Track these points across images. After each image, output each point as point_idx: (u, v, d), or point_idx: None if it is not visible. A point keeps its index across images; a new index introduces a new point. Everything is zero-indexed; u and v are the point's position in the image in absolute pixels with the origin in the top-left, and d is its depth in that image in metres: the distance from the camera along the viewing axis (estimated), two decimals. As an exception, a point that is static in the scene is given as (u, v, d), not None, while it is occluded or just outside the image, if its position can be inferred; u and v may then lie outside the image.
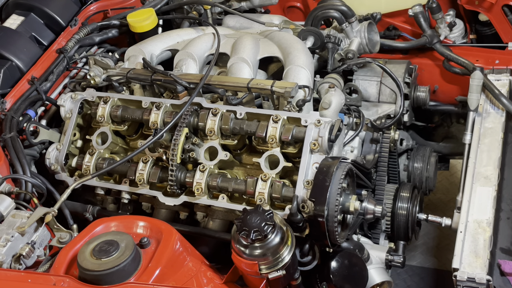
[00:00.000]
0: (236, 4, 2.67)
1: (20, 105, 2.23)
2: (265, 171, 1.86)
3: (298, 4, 3.05)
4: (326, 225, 1.68)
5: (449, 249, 2.03)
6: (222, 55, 2.28)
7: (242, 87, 2.02)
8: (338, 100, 2.04)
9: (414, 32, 2.80)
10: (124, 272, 1.45)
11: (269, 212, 1.50)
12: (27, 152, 2.11)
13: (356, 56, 2.36)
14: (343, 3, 2.40)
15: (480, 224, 1.94)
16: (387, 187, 2.21)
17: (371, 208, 1.81)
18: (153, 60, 2.32)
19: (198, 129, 1.98)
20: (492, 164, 2.10)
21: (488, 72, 2.50)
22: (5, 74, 2.32)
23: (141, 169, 1.97)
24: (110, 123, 2.10)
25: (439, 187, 2.99)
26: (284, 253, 1.53)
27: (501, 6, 2.54)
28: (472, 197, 2.02)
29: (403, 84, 2.37)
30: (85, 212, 2.06)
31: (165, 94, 2.18)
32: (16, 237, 1.70)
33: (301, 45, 2.20)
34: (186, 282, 1.56)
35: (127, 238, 1.50)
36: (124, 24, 2.61)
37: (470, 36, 2.78)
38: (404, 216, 2.18)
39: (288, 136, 1.86)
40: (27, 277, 1.49)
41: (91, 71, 2.25)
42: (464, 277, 1.79)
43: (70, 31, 2.59)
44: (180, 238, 1.61)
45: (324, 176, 1.71)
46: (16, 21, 2.56)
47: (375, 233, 2.22)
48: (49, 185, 2.04)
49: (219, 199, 1.88)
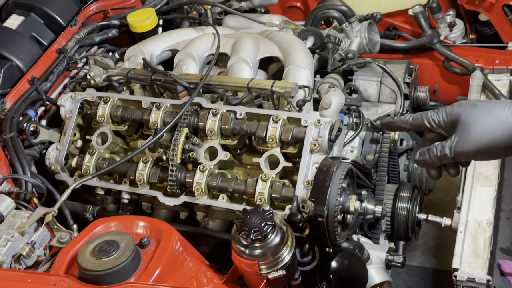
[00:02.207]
0: (236, 4, 2.67)
1: (20, 105, 2.23)
2: (265, 171, 1.86)
3: (298, 4, 3.05)
4: (326, 225, 1.68)
5: (449, 249, 2.03)
6: (222, 55, 2.28)
7: (242, 87, 2.02)
8: (338, 100, 2.04)
9: (414, 32, 2.80)
10: (124, 272, 1.45)
11: (269, 212, 1.50)
12: (27, 152, 2.11)
13: (356, 56, 2.36)
14: (343, 3, 2.40)
15: (480, 224, 1.94)
16: (387, 187, 2.21)
17: (371, 208, 1.80)
18: (153, 60, 2.32)
19: (198, 129, 1.98)
20: (492, 164, 2.10)
21: (488, 72, 2.50)
22: (5, 74, 2.31)
23: (141, 169, 1.97)
24: (110, 123, 2.10)
25: (439, 187, 2.99)
26: (284, 253, 1.53)
27: (501, 6, 2.54)
28: (472, 197, 2.02)
29: (403, 84, 2.37)
30: (85, 212, 2.06)
31: (165, 94, 2.18)
32: (16, 237, 1.70)
33: (301, 45, 2.20)
34: (186, 282, 1.56)
35: (127, 238, 1.50)
36: (124, 24, 2.61)
37: (470, 36, 2.78)
38: (404, 216, 2.18)
39: (288, 136, 1.86)
40: (27, 277, 1.49)
41: (91, 71, 2.25)
42: (464, 277, 1.79)
43: (70, 31, 2.59)
44: (180, 238, 1.61)
45: (324, 176, 1.71)
46: (16, 21, 2.55)
47: (375, 233, 2.22)
48: (49, 185, 2.04)
49: (219, 199, 1.88)
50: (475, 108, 1.31)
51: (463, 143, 1.30)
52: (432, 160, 1.37)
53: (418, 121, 1.40)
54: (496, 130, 1.26)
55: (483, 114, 1.29)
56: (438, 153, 1.35)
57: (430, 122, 1.37)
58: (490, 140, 1.27)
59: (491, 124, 1.27)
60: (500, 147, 1.27)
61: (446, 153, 1.33)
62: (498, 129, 1.26)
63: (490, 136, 1.27)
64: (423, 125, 1.39)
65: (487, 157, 1.32)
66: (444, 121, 1.35)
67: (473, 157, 1.34)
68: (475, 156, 1.32)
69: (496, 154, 1.30)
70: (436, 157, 1.36)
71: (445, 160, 1.36)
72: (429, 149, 1.37)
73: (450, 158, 1.34)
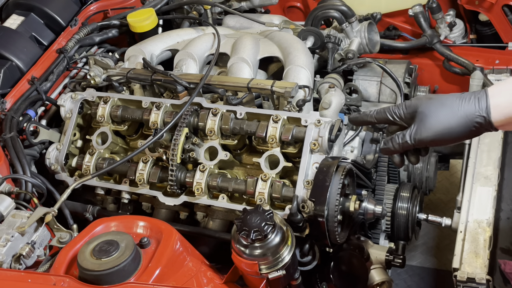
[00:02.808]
0: (236, 4, 2.67)
1: (20, 105, 2.23)
2: (265, 171, 1.86)
3: (298, 4, 3.05)
4: (326, 225, 1.68)
5: (449, 249, 2.03)
6: (222, 55, 2.28)
7: (242, 87, 2.02)
8: (338, 100, 2.04)
9: (414, 32, 2.81)
10: (124, 272, 1.45)
11: (269, 212, 1.50)
12: (27, 152, 2.11)
13: (356, 56, 2.36)
14: (343, 3, 2.40)
15: (480, 224, 1.94)
16: (387, 187, 2.21)
17: (371, 208, 1.81)
18: (153, 60, 2.32)
19: (198, 129, 1.98)
20: (492, 164, 2.10)
21: (488, 72, 2.50)
22: (5, 74, 2.31)
23: (141, 169, 1.97)
24: (110, 123, 2.10)
25: (439, 187, 2.99)
26: (284, 253, 1.53)
27: (501, 6, 2.54)
28: (472, 197, 2.02)
29: (403, 84, 2.37)
30: (85, 212, 2.06)
31: (165, 94, 2.18)
32: (16, 237, 1.70)
33: (301, 45, 2.20)
34: (186, 282, 1.55)
35: (127, 238, 1.50)
36: (124, 24, 2.61)
37: (470, 36, 2.78)
38: (404, 216, 2.18)
39: (288, 136, 1.86)
40: (27, 277, 1.49)
41: (91, 71, 2.25)
42: (464, 277, 1.79)
43: (70, 31, 2.59)
44: (180, 238, 1.61)
45: (324, 176, 1.71)
46: (16, 21, 2.55)
47: (375, 233, 2.22)
48: (49, 185, 2.04)
49: (219, 199, 1.88)
50: (431, 100, 1.47)
51: (421, 131, 1.46)
52: (394, 148, 1.52)
53: (381, 114, 1.55)
54: (450, 119, 1.43)
55: (438, 105, 1.45)
56: (399, 140, 1.50)
57: (392, 115, 1.53)
58: (445, 127, 1.43)
59: (445, 113, 1.43)
60: (454, 133, 1.44)
61: (406, 140, 1.48)
62: (451, 118, 1.43)
63: (445, 124, 1.43)
64: (386, 118, 1.54)
65: (442, 142, 1.47)
66: (404, 113, 1.50)
67: (430, 143, 1.48)
68: (432, 142, 1.47)
69: (450, 140, 1.46)
70: (398, 144, 1.50)
71: (406, 147, 1.51)
72: (392, 138, 1.52)
73: (410, 145, 1.49)
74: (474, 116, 1.41)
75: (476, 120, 1.41)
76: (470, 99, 1.42)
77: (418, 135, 1.46)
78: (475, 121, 1.41)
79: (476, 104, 1.41)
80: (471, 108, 1.41)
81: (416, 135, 1.47)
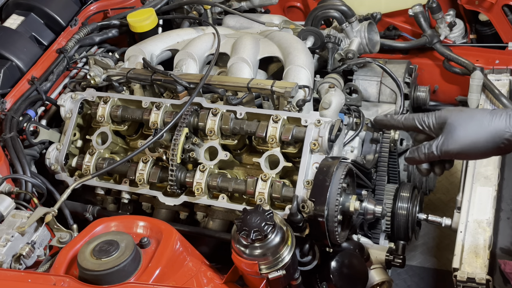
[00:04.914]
0: (236, 4, 2.67)
1: (20, 105, 2.23)
2: (265, 171, 1.86)
3: (298, 4, 3.06)
4: (326, 225, 1.68)
5: (449, 249, 2.03)
6: (222, 55, 2.28)
7: (242, 87, 2.02)
8: (338, 100, 2.04)
9: (414, 32, 2.81)
10: (124, 272, 1.45)
11: (269, 212, 1.50)
12: (27, 152, 2.11)
13: (356, 56, 2.36)
14: (343, 3, 2.40)
15: (480, 224, 1.94)
16: (387, 187, 2.21)
17: (371, 208, 1.80)
18: (153, 60, 2.32)
19: (198, 129, 1.98)
20: (492, 164, 2.10)
21: (488, 72, 2.50)
22: (5, 74, 2.31)
23: (141, 169, 1.97)
24: (110, 123, 2.10)
25: (439, 187, 2.98)
26: (284, 253, 1.53)
27: (501, 6, 2.55)
28: (472, 197, 2.03)
29: (403, 84, 2.37)
30: (85, 212, 2.06)
31: (165, 94, 2.18)
32: (16, 237, 1.70)
33: (301, 45, 2.20)
34: (186, 282, 1.55)
35: (127, 238, 1.50)
36: (124, 24, 2.61)
37: (470, 36, 2.78)
38: (404, 216, 2.18)
39: (288, 136, 1.86)
40: (27, 277, 1.49)
41: (91, 71, 2.25)
42: (464, 277, 1.79)
43: (70, 31, 2.59)
44: (180, 238, 1.61)
45: (324, 176, 1.71)
46: (16, 21, 2.55)
47: (375, 233, 2.22)
48: (49, 185, 2.04)
49: (219, 199, 1.88)
50: (461, 112, 1.46)
51: (448, 143, 1.45)
52: (420, 158, 1.51)
53: (410, 121, 1.54)
54: (477, 133, 1.42)
55: (467, 118, 1.44)
56: (426, 150, 1.49)
57: (421, 123, 1.51)
58: (473, 141, 1.42)
59: (474, 127, 1.42)
60: (480, 148, 1.42)
61: (433, 151, 1.47)
62: (480, 132, 1.41)
63: (472, 138, 1.42)
64: (415, 125, 1.53)
65: (468, 156, 1.46)
66: (433, 123, 1.49)
67: (456, 156, 1.47)
68: (458, 155, 1.46)
69: (476, 155, 1.45)
70: (424, 154, 1.50)
71: (431, 158, 1.50)
72: (418, 147, 1.51)
73: (436, 156, 1.48)
74: (503, 133, 1.39)
75: (506, 137, 1.39)
76: (501, 115, 1.40)
77: (445, 146, 1.45)
78: (504, 137, 1.39)
79: (507, 121, 1.39)
80: (501, 124, 1.39)
81: (442, 147, 1.45)
